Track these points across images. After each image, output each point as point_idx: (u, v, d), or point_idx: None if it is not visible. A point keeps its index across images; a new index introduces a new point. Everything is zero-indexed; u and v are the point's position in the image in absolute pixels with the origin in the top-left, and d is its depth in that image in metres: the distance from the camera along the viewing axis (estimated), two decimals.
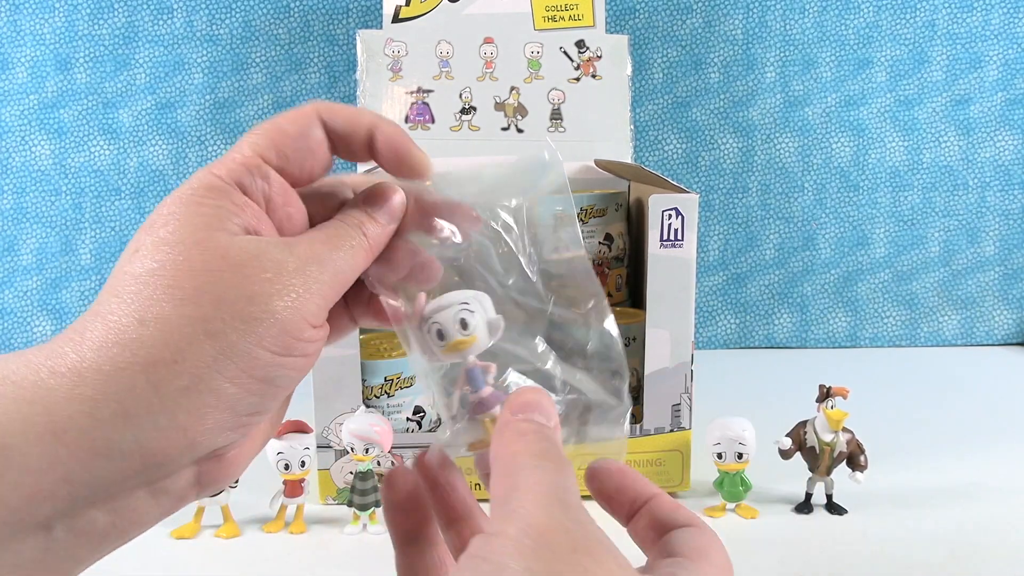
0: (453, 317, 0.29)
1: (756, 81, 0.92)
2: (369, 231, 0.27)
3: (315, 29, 0.89)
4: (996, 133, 0.93)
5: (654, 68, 0.91)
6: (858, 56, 0.91)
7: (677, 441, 0.57)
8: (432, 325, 0.29)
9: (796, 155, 0.93)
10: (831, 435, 0.54)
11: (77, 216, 0.91)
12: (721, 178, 0.93)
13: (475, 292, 0.30)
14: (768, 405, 0.74)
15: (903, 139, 0.93)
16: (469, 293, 0.30)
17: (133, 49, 0.89)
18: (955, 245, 0.95)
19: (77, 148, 0.90)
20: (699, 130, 0.92)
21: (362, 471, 0.52)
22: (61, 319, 0.92)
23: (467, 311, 0.29)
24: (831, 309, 0.96)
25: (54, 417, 0.21)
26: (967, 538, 0.51)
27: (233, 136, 0.90)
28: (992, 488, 0.59)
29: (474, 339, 0.29)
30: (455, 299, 0.29)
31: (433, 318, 0.29)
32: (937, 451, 0.65)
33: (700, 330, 0.96)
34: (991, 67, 0.92)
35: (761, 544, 0.51)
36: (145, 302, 0.23)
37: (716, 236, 0.94)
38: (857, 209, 0.94)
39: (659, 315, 0.55)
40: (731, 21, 0.91)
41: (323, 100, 0.28)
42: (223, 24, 0.89)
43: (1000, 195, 0.94)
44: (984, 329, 0.96)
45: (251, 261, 0.24)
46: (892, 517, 0.54)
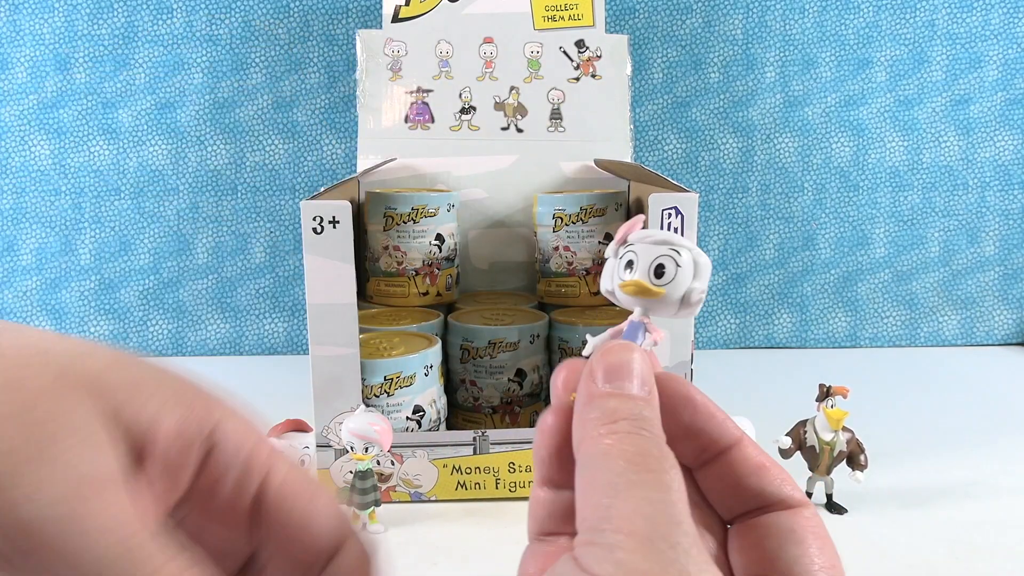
0: (653, 256, 0.24)
1: (756, 81, 0.92)
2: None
3: (315, 29, 0.89)
4: (996, 133, 0.93)
5: (654, 68, 0.91)
6: (858, 56, 0.92)
7: None
8: (627, 252, 0.24)
9: (796, 155, 0.93)
10: (831, 434, 0.54)
11: (77, 216, 0.91)
12: (721, 178, 0.93)
13: (699, 250, 0.25)
14: (768, 405, 0.74)
15: (903, 139, 0.93)
16: (693, 246, 0.25)
17: (133, 49, 0.89)
18: (955, 245, 0.95)
19: (77, 148, 0.90)
20: (699, 130, 0.92)
21: (362, 470, 0.52)
22: (61, 319, 0.92)
23: (672, 258, 0.24)
24: (831, 309, 0.96)
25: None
26: (967, 538, 0.51)
27: (233, 136, 0.90)
28: (992, 488, 0.59)
29: (661, 293, 0.24)
30: (672, 240, 0.24)
31: (633, 246, 0.24)
32: (937, 451, 0.65)
33: (700, 330, 0.96)
34: (991, 67, 0.92)
35: None
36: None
37: (716, 236, 0.94)
38: (857, 209, 0.94)
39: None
40: (731, 21, 0.91)
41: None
42: (223, 24, 0.89)
43: (1000, 195, 0.94)
44: (984, 329, 0.96)
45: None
46: (892, 517, 0.54)
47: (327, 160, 0.91)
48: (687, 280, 0.24)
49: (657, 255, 0.24)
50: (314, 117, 0.91)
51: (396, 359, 0.57)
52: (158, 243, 0.92)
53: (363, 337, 0.57)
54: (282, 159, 0.91)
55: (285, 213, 0.92)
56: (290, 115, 0.91)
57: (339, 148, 0.91)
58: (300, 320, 0.94)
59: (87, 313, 0.92)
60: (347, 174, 0.91)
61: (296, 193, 0.92)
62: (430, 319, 0.65)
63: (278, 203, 0.92)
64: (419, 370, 0.58)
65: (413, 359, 0.57)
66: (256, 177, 0.91)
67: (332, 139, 0.91)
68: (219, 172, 0.91)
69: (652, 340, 0.24)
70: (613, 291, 0.25)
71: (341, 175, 0.92)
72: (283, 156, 0.91)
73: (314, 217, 0.52)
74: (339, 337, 0.53)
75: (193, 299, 0.93)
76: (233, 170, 0.91)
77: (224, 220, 0.92)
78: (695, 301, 0.24)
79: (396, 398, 0.57)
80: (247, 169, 0.91)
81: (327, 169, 0.92)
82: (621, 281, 0.24)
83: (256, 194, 0.92)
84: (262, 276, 0.93)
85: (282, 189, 0.92)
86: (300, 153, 0.91)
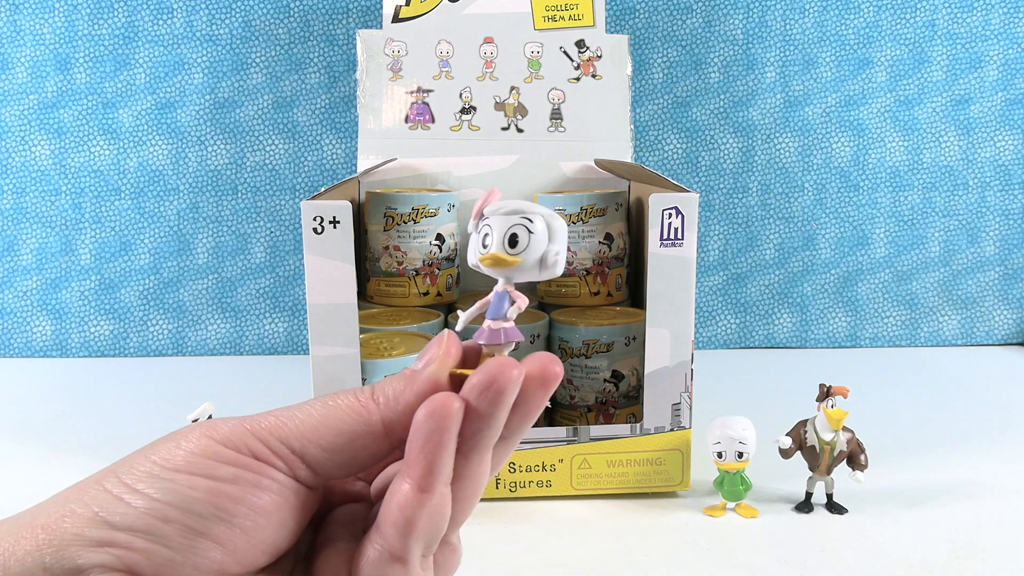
0: (506, 226, 0.25)
1: (756, 81, 0.92)
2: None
3: (315, 29, 0.89)
4: (996, 133, 0.93)
5: (654, 68, 0.91)
6: (858, 56, 0.92)
7: (677, 440, 0.57)
8: (484, 226, 0.25)
9: (796, 155, 0.93)
10: (831, 434, 0.54)
11: (77, 216, 0.91)
12: (721, 178, 0.93)
13: (553, 214, 0.25)
14: (768, 405, 0.74)
15: (903, 139, 0.93)
16: (545, 211, 0.25)
17: (133, 49, 0.89)
18: (955, 245, 0.95)
19: (77, 148, 0.90)
20: (699, 130, 0.92)
21: None
22: (61, 319, 0.92)
23: (524, 227, 0.25)
24: (831, 309, 0.96)
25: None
26: (967, 538, 0.51)
27: (233, 136, 0.90)
28: (992, 488, 0.59)
29: (517, 262, 0.25)
30: (523, 208, 0.25)
31: (488, 219, 0.25)
32: (937, 451, 0.65)
33: (700, 330, 0.96)
34: (991, 67, 0.92)
35: (761, 544, 0.51)
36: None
37: (716, 236, 0.94)
38: (857, 209, 0.94)
39: (659, 314, 0.55)
40: (731, 21, 0.91)
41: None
42: (223, 24, 0.89)
43: (1000, 195, 0.94)
44: (984, 329, 0.96)
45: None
46: (892, 517, 0.54)
47: (327, 160, 0.91)
48: (542, 245, 0.25)
49: (509, 225, 0.24)
50: (314, 117, 0.91)
51: (396, 359, 0.57)
52: (158, 243, 0.92)
53: (363, 337, 0.57)
54: (282, 159, 0.91)
55: (285, 213, 0.92)
56: (290, 115, 0.91)
57: (339, 148, 0.91)
58: (300, 320, 0.94)
59: (87, 313, 0.92)
60: (347, 174, 0.91)
61: (296, 193, 0.92)
62: (430, 319, 0.65)
63: (278, 203, 0.92)
64: None
65: (413, 359, 0.57)
66: (256, 177, 0.91)
67: (332, 139, 0.91)
68: (219, 172, 0.91)
69: (517, 307, 0.26)
70: (477, 265, 0.26)
71: (341, 175, 0.92)
72: (283, 156, 0.91)
73: (314, 217, 0.52)
74: (339, 337, 0.53)
75: (193, 299, 0.93)
76: (233, 170, 0.91)
77: (224, 220, 0.92)
78: (551, 263, 0.25)
79: None
80: (247, 169, 0.91)
81: (327, 169, 0.92)
82: (480, 255, 0.25)
83: (256, 194, 0.92)
84: (262, 276, 0.93)
85: (282, 189, 0.92)
86: (300, 153, 0.91)
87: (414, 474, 0.24)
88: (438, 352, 0.26)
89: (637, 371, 0.62)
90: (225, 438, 0.24)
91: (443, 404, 0.24)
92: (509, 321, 0.26)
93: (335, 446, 0.25)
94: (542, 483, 0.57)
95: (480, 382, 0.24)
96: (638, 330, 0.62)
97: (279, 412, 0.25)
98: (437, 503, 0.24)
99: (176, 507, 0.23)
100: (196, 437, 0.24)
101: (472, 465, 0.25)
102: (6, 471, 0.62)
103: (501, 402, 0.24)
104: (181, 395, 0.80)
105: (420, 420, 0.24)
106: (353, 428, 0.25)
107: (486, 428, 0.25)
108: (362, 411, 0.25)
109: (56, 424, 0.72)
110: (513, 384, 0.24)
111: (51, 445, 0.67)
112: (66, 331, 0.92)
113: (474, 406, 0.24)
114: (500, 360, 0.24)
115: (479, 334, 0.26)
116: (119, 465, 0.24)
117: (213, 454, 0.24)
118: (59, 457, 0.64)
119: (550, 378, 0.25)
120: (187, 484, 0.23)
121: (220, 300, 0.93)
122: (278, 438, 0.25)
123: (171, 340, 0.93)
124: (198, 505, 0.23)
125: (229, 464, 0.24)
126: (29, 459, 0.64)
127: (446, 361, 0.26)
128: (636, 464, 0.57)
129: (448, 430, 0.24)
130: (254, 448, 0.24)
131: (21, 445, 0.67)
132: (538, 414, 0.26)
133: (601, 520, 0.55)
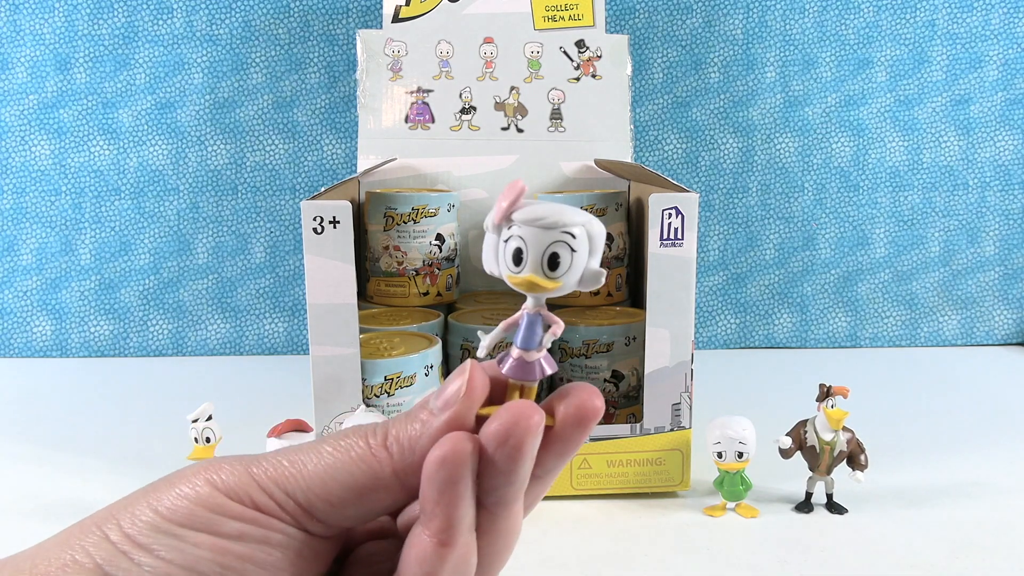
0: (545, 244, 0.21)
1: (756, 81, 0.92)
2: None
3: (315, 29, 0.89)
4: (996, 133, 0.93)
5: (654, 68, 0.91)
6: (858, 56, 0.92)
7: (677, 440, 0.57)
8: (513, 236, 0.21)
9: (796, 155, 0.93)
10: (831, 434, 0.54)
11: (77, 216, 0.91)
12: (721, 178, 0.93)
13: (590, 218, 0.21)
14: (768, 405, 0.74)
15: (903, 139, 0.93)
16: (583, 217, 0.21)
17: (133, 49, 0.89)
18: (955, 245, 0.95)
19: (77, 148, 0.90)
20: (699, 130, 0.92)
21: None
22: (61, 319, 0.92)
23: (567, 244, 0.21)
24: (831, 309, 0.96)
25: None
26: (967, 538, 0.51)
27: (233, 136, 0.90)
28: (992, 488, 0.59)
29: (558, 286, 0.21)
30: (561, 218, 0.21)
31: (517, 229, 0.21)
32: (937, 451, 0.65)
33: (700, 330, 0.96)
34: (991, 67, 0.92)
35: (761, 544, 0.51)
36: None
37: (716, 236, 0.94)
38: (857, 209, 0.94)
39: (659, 314, 0.55)
40: (731, 21, 0.91)
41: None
42: (223, 24, 0.89)
43: (1000, 195, 0.94)
44: (984, 329, 0.96)
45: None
46: (892, 517, 0.54)
47: (327, 160, 0.91)
48: (583, 261, 0.21)
49: (549, 243, 0.21)
50: (314, 117, 0.91)
51: (396, 359, 0.57)
52: (158, 243, 0.92)
53: (363, 337, 0.57)
54: (282, 159, 0.91)
55: (285, 213, 0.92)
56: (290, 115, 0.91)
57: (339, 148, 0.91)
58: (300, 320, 0.94)
59: (87, 313, 0.92)
60: (347, 174, 0.91)
61: (296, 193, 0.92)
62: (430, 319, 0.65)
63: (278, 203, 0.92)
64: (419, 370, 0.58)
65: (413, 359, 0.57)
66: (256, 177, 0.91)
67: (332, 139, 0.91)
68: (219, 172, 0.91)
69: (552, 334, 0.22)
70: (501, 276, 0.22)
71: (341, 175, 0.92)
72: (283, 156, 0.91)
73: (314, 217, 0.52)
74: (339, 337, 0.53)
75: (193, 299, 0.93)
76: (233, 170, 0.91)
77: (224, 220, 0.92)
78: (592, 281, 0.22)
79: (396, 398, 0.57)
80: (247, 169, 0.91)
81: (327, 169, 0.92)
82: (510, 274, 0.21)
83: (256, 194, 0.92)
84: (262, 276, 0.93)
85: (282, 189, 0.92)
86: (300, 153, 0.91)
87: (432, 527, 0.22)
88: (459, 392, 0.23)
89: (637, 371, 0.62)
90: (229, 488, 0.23)
91: (454, 450, 0.21)
92: (542, 350, 0.22)
93: (344, 501, 0.23)
94: None
95: (495, 434, 0.21)
96: (638, 330, 0.62)
97: (287, 457, 0.23)
98: (461, 553, 0.22)
99: (181, 567, 0.21)
100: (199, 483, 0.23)
101: (499, 520, 0.23)
102: (6, 471, 0.62)
103: (520, 457, 0.22)
104: (181, 395, 0.80)
105: (431, 468, 0.22)
106: (363, 482, 0.23)
107: (507, 484, 0.22)
108: (372, 462, 0.23)
109: (56, 424, 0.72)
110: (533, 435, 0.22)
111: (51, 445, 0.67)
112: (66, 331, 0.92)
113: (491, 459, 0.22)
114: (519, 406, 0.21)
115: (504, 361, 0.23)
116: (119, 509, 0.23)
117: (217, 507, 0.22)
118: (59, 457, 0.64)
119: (589, 416, 0.22)
120: (192, 542, 0.22)
121: (220, 300, 0.93)
122: (283, 490, 0.23)
123: (171, 340, 0.93)
124: (203, 565, 0.22)
125: (234, 519, 0.22)
126: (29, 459, 0.64)
127: (468, 404, 0.23)
128: (636, 464, 0.57)
129: (463, 478, 0.22)
130: (259, 501, 0.23)
131: (21, 445, 0.67)
132: (575, 452, 0.23)
133: (601, 520, 0.55)
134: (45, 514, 0.55)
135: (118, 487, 0.58)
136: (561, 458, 0.23)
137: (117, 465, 0.62)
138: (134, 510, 0.22)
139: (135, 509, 0.22)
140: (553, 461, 0.23)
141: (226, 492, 0.23)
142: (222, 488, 0.23)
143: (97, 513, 0.23)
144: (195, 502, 0.22)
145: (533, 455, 0.22)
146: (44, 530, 0.24)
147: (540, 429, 0.22)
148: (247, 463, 0.23)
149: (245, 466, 0.23)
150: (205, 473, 0.23)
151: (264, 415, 0.62)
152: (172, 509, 0.22)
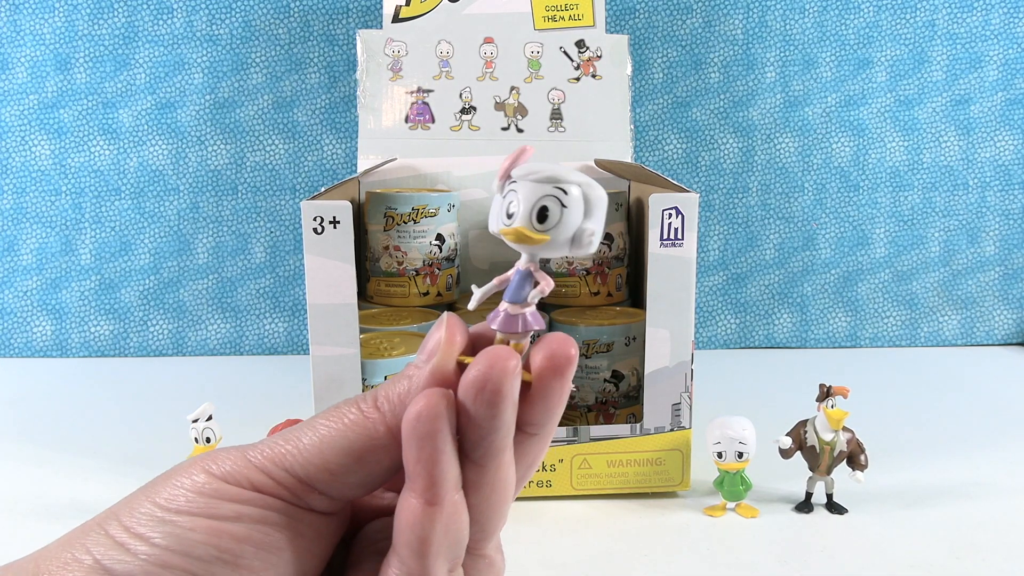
0: (536, 197, 0.21)
1: (756, 81, 0.92)
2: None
3: (315, 29, 0.89)
4: (996, 133, 0.93)
5: (654, 68, 0.91)
6: (858, 56, 0.92)
7: (677, 440, 0.57)
8: (510, 191, 0.22)
9: (796, 155, 0.93)
10: (831, 434, 0.54)
11: (77, 216, 0.91)
12: (721, 178, 0.93)
13: (591, 182, 0.22)
14: (768, 405, 0.75)
15: (903, 139, 0.93)
16: (583, 179, 0.22)
17: (133, 49, 0.89)
18: (955, 245, 0.95)
19: (77, 148, 0.90)
20: (699, 130, 0.92)
21: None
22: (61, 319, 0.92)
23: (557, 199, 0.21)
24: (831, 309, 0.96)
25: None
26: (967, 538, 0.51)
27: (233, 136, 0.90)
28: (992, 488, 0.59)
29: (545, 240, 0.22)
30: (557, 175, 0.21)
31: (514, 184, 0.22)
32: (937, 451, 0.65)
33: (700, 330, 0.96)
34: (991, 67, 0.92)
35: (761, 544, 0.51)
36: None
37: (716, 236, 0.94)
38: (857, 209, 0.94)
39: (659, 314, 0.55)
40: (731, 21, 0.91)
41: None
42: (223, 24, 0.89)
43: (1000, 195, 0.94)
44: (984, 329, 0.96)
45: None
46: (892, 517, 0.54)
47: (327, 160, 0.91)
48: (576, 220, 0.21)
49: (540, 196, 0.21)
50: (314, 117, 0.91)
51: (396, 359, 0.57)
52: (158, 243, 0.92)
53: (363, 337, 0.57)
54: (282, 159, 0.91)
55: (285, 213, 0.92)
56: (290, 115, 0.91)
57: (339, 148, 0.91)
58: (300, 320, 0.94)
59: (87, 313, 0.92)
60: (347, 174, 0.91)
61: (296, 193, 0.92)
62: (430, 319, 0.65)
63: (278, 203, 0.92)
64: None
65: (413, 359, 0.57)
66: (256, 177, 0.91)
67: (332, 139, 0.91)
68: (219, 172, 0.91)
69: (540, 290, 0.22)
70: (499, 234, 0.23)
71: (341, 175, 0.92)
72: (283, 156, 0.91)
73: (314, 217, 0.52)
74: (339, 337, 0.53)
75: (193, 299, 0.93)
76: (233, 170, 0.91)
77: (224, 220, 0.92)
78: (586, 242, 0.22)
79: None
80: (247, 169, 0.91)
81: (327, 169, 0.92)
82: (502, 227, 0.22)
83: (256, 194, 0.92)
84: (262, 276, 0.93)
85: (282, 189, 0.92)
86: (300, 153, 0.91)
87: (417, 487, 0.22)
88: (439, 341, 0.23)
89: (637, 371, 0.62)
90: (226, 473, 0.23)
91: (428, 404, 0.21)
92: (530, 305, 0.22)
93: (344, 467, 0.23)
94: (542, 483, 0.57)
95: (474, 380, 0.22)
96: (638, 330, 0.62)
97: (283, 436, 0.23)
98: (450, 512, 0.22)
99: (177, 552, 0.21)
100: (196, 473, 0.23)
101: (489, 473, 0.23)
102: (6, 471, 0.62)
103: (499, 402, 0.22)
104: (181, 395, 0.80)
105: (409, 426, 0.22)
106: (360, 444, 0.23)
107: (492, 432, 0.22)
108: (366, 424, 0.23)
109: (56, 424, 0.72)
110: (510, 378, 0.21)
111: (51, 445, 0.67)
112: (66, 331, 0.92)
113: (471, 410, 0.22)
114: (495, 350, 0.21)
115: (493, 317, 0.23)
116: (120, 506, 0.23)
117: (214, 491, 0.22)
118: (59, 457, 0.64)
119: (563, 364, 0.22)
120: (188, 526, 0.22)
121: (220, 300, 0.93)
122: (282, 467, 0.23)
123: (171, 340, 0.93)
124: (198, 548, 0.21)
125: (231, 501, 0.22)
126: (29, 459, 0.64)
127: (449, 350, 0.23)
128: (636, 464, 0.57)
129: (439, 432, 0.22)
130: (256, 481, 0.23)
131: (21, 445, 0.67)
132: (562, 404, 0.23)
133: (601, 520, 0.55)
134: (45, 514, 0.55)
135: (118, 487, 0.58)
136: (548, 412, 0.23)
137: (117, 465, 0.62)
138: (133, 504, 0.23)
139: (134, 503, 0.23)
140: (540, 415, 0.23)
141: (223, 477, 0.23)
142: (219, 475, 0.23)
143: (100, 513, 0.23)
144: (192, 490, 0.22)
145: (514, 400, 0.22)
146: (44, 530, 0.24)
147: (518, 371, 0.22)
148: (243, 449, 0.23)
149: (241, 452, 0.23)
150: (202, 463, 0.23)
151: (264, 415, 0.63)
152: (169, 499, 0.22)
